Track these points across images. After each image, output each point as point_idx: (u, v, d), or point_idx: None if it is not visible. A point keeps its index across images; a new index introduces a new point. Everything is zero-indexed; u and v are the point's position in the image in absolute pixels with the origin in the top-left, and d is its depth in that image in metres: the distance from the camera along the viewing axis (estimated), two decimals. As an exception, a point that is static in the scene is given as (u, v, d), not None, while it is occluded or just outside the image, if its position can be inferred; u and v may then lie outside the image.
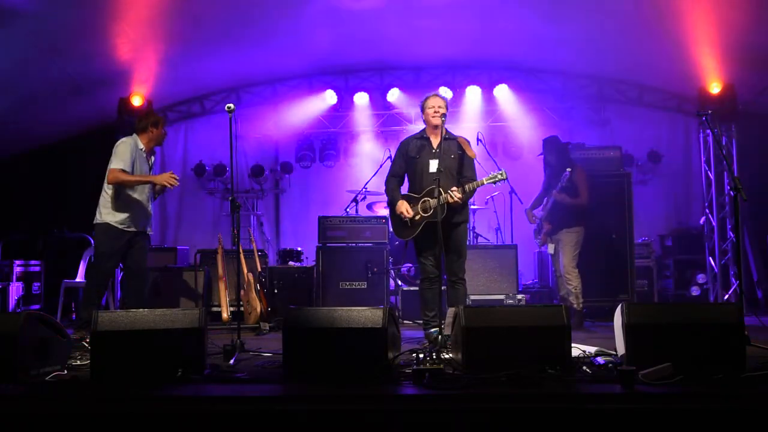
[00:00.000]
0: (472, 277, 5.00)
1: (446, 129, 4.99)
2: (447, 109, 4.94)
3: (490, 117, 8.76)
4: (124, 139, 5.18)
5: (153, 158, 5.33)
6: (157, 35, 6.88)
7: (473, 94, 8.57)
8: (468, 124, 8.34)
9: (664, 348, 3.30)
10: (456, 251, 4.89)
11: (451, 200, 4.65)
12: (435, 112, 4.85)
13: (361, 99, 8.75)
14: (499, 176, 4.71)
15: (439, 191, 4.56)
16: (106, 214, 5.06)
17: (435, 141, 4.93)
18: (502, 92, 8.58)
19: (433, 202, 4.71)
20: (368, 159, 8.87)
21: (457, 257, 4.89)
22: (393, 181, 5.09)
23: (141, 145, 5.16)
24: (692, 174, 8.45)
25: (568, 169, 5.82)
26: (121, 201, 5.06)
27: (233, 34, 7.16)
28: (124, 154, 5.03)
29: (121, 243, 5.07)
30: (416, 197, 4.93)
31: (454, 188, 4.68)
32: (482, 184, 4.76)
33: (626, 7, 6.54)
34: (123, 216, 5.06)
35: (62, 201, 8.42)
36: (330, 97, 8.79)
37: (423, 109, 4.97)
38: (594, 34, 7.14)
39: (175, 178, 5.03)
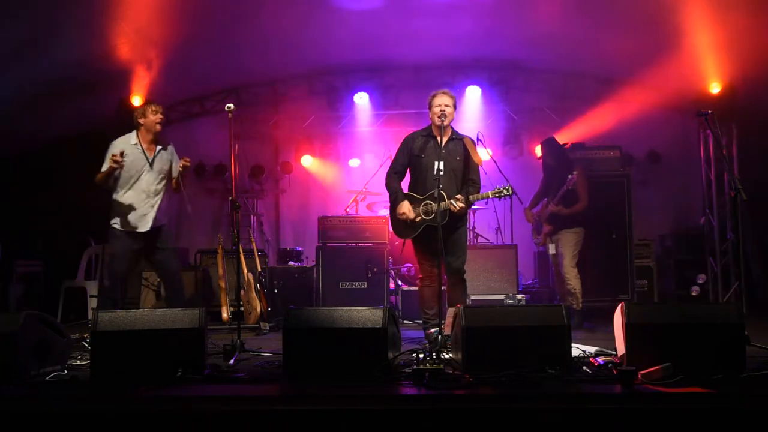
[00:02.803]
0: (472, 277, 5.00)
1: (453, 128, 4.94)
2: (455, 107, 4.85)
3: (490, 117, 8.76)
4: (115, 140, 5.15)
5: (158, 148, 5.18)
6: (157, 35, 6.87)
7: (473, 94, 8.56)
8: (468, 124, 8.33)
9: (664, 348, 3.30)
10: (456, 252, 4.86)
11: (453, 209, 4.63)
12: (441, 111, 4.74)
13: (361, 99, 8.75)
14: (505, 191, 4.68)
15: (442, 196, 4.55)
16: (111, 217, 5.07)
17: (441, 140, 4.83)
18: (502, 92, 8.58)
19: (435, 206, 4.66)
20: (368, 159, 8.87)
21: (457, 258, 4.86)
22: (395, 178, 5.04)
23: (134, 140, 5.10)
24: (692, 174, 8.42)
25: (575, 172, 5.81)
26: (116, 203, 5.05)
27: (233, 34, 7.15)
28: (107, 156, 5.00)
29: (127, 245, 5.02)
30: (419, 198, 4.90)
31: (459, 196, 4.65)
32: (487, 197, 4.71)
33: (626, 7, 6.54)
34: (119, 218, 5.04)
35: (62, 201, 8.41)
36: (330, 97, 8.78)
37: (429, 107, 4.86)
38: (594, 34, 7.13)
39: (116, 160, 4.81)
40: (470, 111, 8.64)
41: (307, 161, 9.08)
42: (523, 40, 7.62)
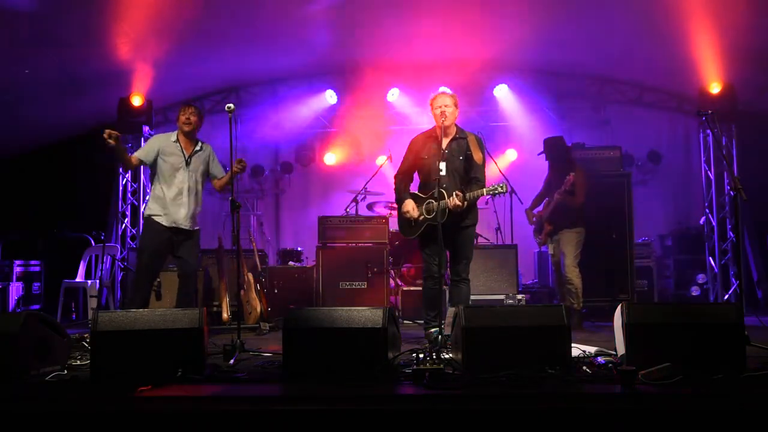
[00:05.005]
0: (472, 277, 4.99)
1: (458, 127, 4.92)
2: (457, 106, 4.84)
3: (490, 117, 8.76)
4: (157, 135, 5.35)
5: (196, 148, 5.19)
6: (157, 35, 6.87)
7: (474, 94, 8.55)
8: (468, 125, 8.33)
9: (664, 348, 3.30)
10: (461, 254, 4.87)
11: (451, 205, 4.63)
12: (441, 112, 4.73)
13: (361, 99, 8.74)
14: (499, 189, 4.67)
15: (441, 194, 4.54)
16: (148, 209, 5.13)
17: (445, 141, 4.82)
18: (502, 92, 8.59)
19: (435, 204, 4.68)
20: (368, 159, 8.87)
21: (462, 259, 4.87)
22: (400, 179, 5.05)
23: (174, 138, 5.16)
24: (692, 174, 8.44)
25: (572, 174, 5.81)
26: (154, 195, 5.12)
27: (233, 34, 7.15)
28: (144, 145, 5.26)
29: (159, 238, 5.02)
30: (422, 197, 4.92)
31: (457, 193, 4.63)
32: (482, 195, 4.71)
33: (626, 7, 6.54)
34: (155, 210, 5.07)
35: (62, 201, 8.42)
36: (330, 97, 8.79)
37: (431, 109, 4.86)
38: (594, 34, 7.14)
39: (109, 134, 4.78)
40: (471, 111, 8.65)
41: (307, 162, 9.08)
42: (524, 40, 7.62)
